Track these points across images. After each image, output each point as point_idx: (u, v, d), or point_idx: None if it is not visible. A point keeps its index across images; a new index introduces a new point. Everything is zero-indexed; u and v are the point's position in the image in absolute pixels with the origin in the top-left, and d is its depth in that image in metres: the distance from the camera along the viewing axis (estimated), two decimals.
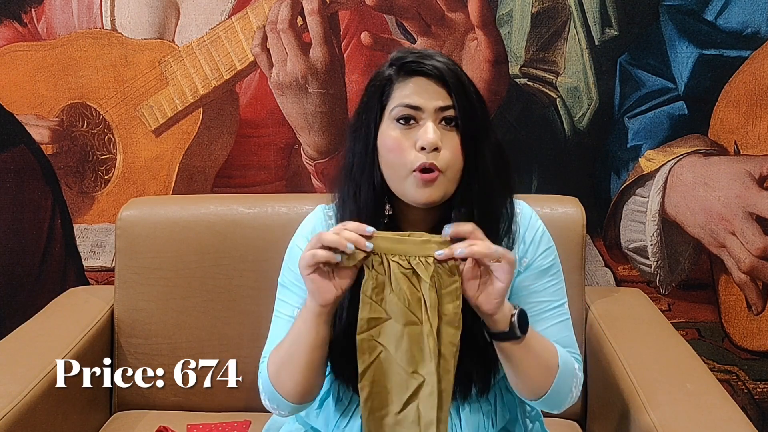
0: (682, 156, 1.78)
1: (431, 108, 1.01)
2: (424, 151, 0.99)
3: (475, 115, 1.03)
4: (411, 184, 1.01)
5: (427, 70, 1.01)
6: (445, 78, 1.01)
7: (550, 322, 1.11)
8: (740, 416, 1.13)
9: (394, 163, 1.02)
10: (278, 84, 1.80)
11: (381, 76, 1.05)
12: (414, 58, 1.02)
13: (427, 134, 0.99)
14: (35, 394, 1.23)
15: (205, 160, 1.86)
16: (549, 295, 1.12)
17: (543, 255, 1.13)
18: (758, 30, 1.72)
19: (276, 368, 1.07)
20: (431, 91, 1.01)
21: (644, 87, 1.77)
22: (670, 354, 1.35)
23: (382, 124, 1.04)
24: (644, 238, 1.82)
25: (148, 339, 1.52)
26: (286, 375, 1.05)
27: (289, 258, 1.17)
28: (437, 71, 1.01)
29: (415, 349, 0.96)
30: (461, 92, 1.01)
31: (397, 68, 1.03)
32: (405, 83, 1.02)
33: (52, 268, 1.92)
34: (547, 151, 1.80)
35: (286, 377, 1.06)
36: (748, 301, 1.84)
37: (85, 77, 1.84)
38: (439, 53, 1.05)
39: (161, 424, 1.44)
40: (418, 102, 1.01)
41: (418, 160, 1.00)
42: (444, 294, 0.96)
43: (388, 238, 0.96)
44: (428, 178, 1.00)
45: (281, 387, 1.07)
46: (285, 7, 1.76)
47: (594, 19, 1.74)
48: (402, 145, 1.01)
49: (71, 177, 1.90)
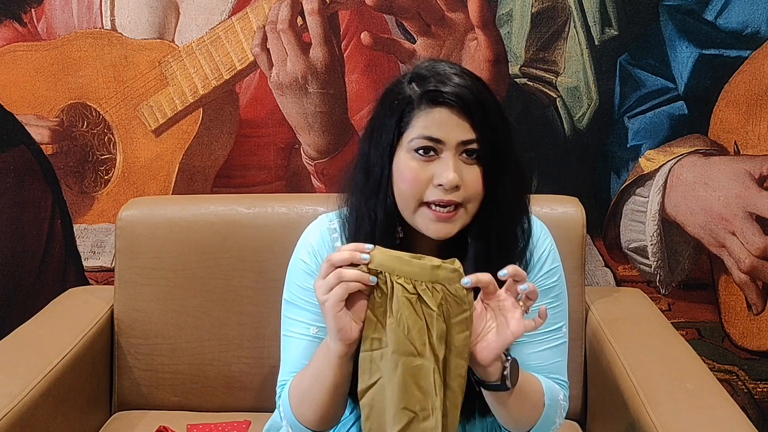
0: (682, 156, 1.78)
1: (453, 142, 0.96)
2: (442, 187, 0.95)
3: (498, 145, 0.98)
4: (423, 217, 0.98)
5: (450, 101, 0.96)
6: (470, 111, 0.96)
7: (543, 346, 1.08)
8: (740, 416, 1.13)
9: (407, 195, 0.98)
10: (278, 84, 1.80)
11: (400, 94, 1.00)
12: (434, 84, 0.97)
13: (448, 173, 0.95)
14: (35, 394, 1.23)
15: (205, 160, 1.86)
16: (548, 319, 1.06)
17: (546, 275, 1.09)
18: (758, 30, 1.72)
19: (298, 400, 1.03)
20: (453, 124, 0.96)
21: (644, 87, 1.77)
22: (670, 354, 1.35)
23: (399, 149, 0.99)
24: (644, 238, 1.82)
25: (148, 339, 1.52)
26: (308, 409, 1.02)
27: (293, 274, 1.12)
28: (462, 102, 0.96)
29: (410, 382, 0.89)
30: (485, 124, 0.97)
31: (420, 94, 0.98)
32: (427, 113, 0.97)
33: (52, 268, 1.91)
34: (547, 151, 1.80)
35: (308, 411, 1.02)
36: (748, 301, 1.84)
37: (85, 77, 1.84)
38: (464, 71, 1.00)
39: (161, 424, 1.44)
40: (440, 135, 0.96)
41: (434, 196, 0.96)
42: (453, 324, 0.90)
43: (394, 256, 0.90)
44: (445, 217, 0.96)
45: (303, 418, 1.03)
46: (285, 7, 1.76)
47: (594, 19, 1.74)
48: (419, 178, 0.97)
49: (71, 177, 1.90)
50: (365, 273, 0.90)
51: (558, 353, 1.10)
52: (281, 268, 1.17)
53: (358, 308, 0.91)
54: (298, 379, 1.04)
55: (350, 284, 0.89)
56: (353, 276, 0.89)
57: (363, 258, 0.90)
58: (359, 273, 0.89)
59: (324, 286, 0.90)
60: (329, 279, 0.90)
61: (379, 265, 0.90)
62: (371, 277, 0.89)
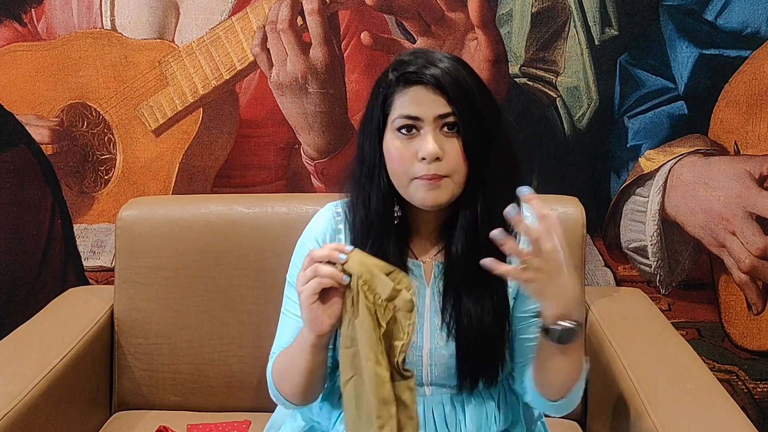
0: (682, 156, 1.78)
1: (430, 117, 1.01)
2: (425, 161, 1.00)
3: (479, 118, 1.03)
4: (416, 188, 1.03)
5: (424, 80, 1.01)
6: (443, 87, 1.01)
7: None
8: (740, 416, 1.13)
9: (398, 173, 1.04)
10: (278, 84, 1.80)
11: (384, 80, 1.06)
12: (414, 68, 1.02)
13: (427, 145, 1.00)
14: (35, 394, 1.23)
15: (205, 160, 1.86)
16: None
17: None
18: (758, 30, 1.72)
19: (278, 376, 1.12)
20: (429, 100, 1.01)
21: (644, 87, 1.77)
22: (670, 354, 1.35)
23: (386, 132, 1.05)
24: (644, 238, 1.82)
25: (148, 339, 1.52)
26: (286, 385, 1.10)
27: (296, 256, 1.18)
28: (434, 80, 1.01)
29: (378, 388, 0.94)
30: (461, 98, 1.01)
31: (398, 76, 1.04)
32: (404, 93, 1.03)
33: (52, 268, 1.92)
34: (547, 151, 1.80)
35: (286, 387, 1.10)
36: (748, 301, 1.84)
37: (85, 77, 1.84)
38: (445, 56, 1.05)
39: (161, 424, 1.44)
40: (417, 112, 1.02)
41: (421, 170, 1.01)
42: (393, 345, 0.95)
43: (368, 264, 0.95)
44: (433, 182, 1.01)
45: (282, 392, 1.12)
46: (285, 7, 1.76)
47: (594, 18, 1.74)
48: (404, 156, 1.02)
49: (71, 177, 1.90)
50: (340, 273, 0.95)
51: None
52: (281, 268, 1.17)
53: (332, 304, 0.97)
54: (280, 358, 1.12)
55: (323, 280, 0.95)
56: (328, 272, 0.95)
57: (340, 258, 0.96)
58: (334, 271, 0.95)
59: (302, 278, 0.97)
60: (307, 272, 0.96)
61: (351, 268, 0.95)
62: (345, 277, 0.95)
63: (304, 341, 1.02)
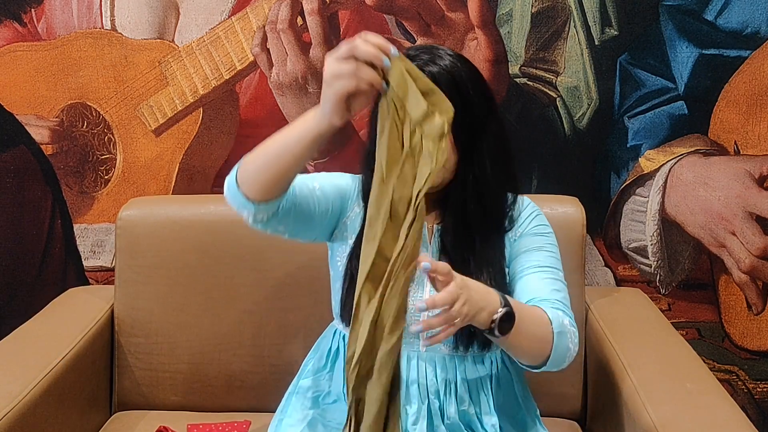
0: (682, 156, 1.78)
1: None
2: None
3: (471, 115, 1.08)
4: None
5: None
6: (435, 78, 1.03)
7: (541, 275, 1.14)
8: (740, 416, 1.13)
9: None
10: (278, 84, 1.80)
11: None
12: (417, 63, 1.03)
13: None
14: (35, 394, 1.23)
15: (205, 160, 1.86)
16: (539, 257, 1.15)
17: (534, 225, 1.18)
18: (758, 30, 1.72)
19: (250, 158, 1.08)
20: None
21: (644, 87, 1.77)
22: (670, 354, 1.35)
23: None
24: (644, 238, 1.82)
25: (148, 339, 1.52)
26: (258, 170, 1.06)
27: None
28: (432, 77, 1.02)
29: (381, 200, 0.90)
30: (454, 95, 1.03)
31: None
32: None
33: (52, 268, 1.91)
34: (547, 151, 1.80)
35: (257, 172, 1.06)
36: (748, 301, 1.84)
37: (85, 77, 1.84)
38: (449, 53, 1.10)
39: (161, 424, 1.44)
40: None
41: None
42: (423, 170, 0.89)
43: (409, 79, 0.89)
44: None
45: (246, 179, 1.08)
46: (285, 7, 1.76)
47: (594, 18, 1.74)
48: None
49: (71, 177, 1.90)
50: (380, 79, 0.90)
51: (558, 286, 1.14)
52: (281, 268, 1.17)
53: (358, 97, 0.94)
54: (262, 146, 1.07)
55: (362, 84, 0.91)
56: (369, 77, 0.91)
57: (385, 63, 0.91)
58: (376, 77, 0.90)
59: (337, 68, 0.92)
60: (346, 66, 0.91)
61: (393, 78, 0.89)
62: (384, 84, 0.92)
63: (308, 126, 0.99)
